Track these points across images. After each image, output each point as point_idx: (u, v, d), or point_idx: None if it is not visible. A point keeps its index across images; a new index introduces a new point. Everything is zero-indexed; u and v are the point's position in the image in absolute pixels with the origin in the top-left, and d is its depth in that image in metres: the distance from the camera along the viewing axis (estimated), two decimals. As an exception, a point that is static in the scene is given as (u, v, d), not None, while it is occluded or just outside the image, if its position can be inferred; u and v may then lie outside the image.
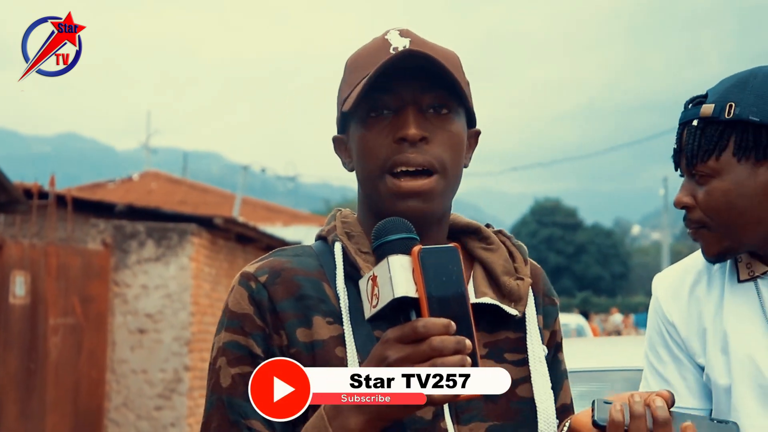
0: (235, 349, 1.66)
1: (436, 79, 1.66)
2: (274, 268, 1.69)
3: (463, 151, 1.73)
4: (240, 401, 1.63)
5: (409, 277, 1.47)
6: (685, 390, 2.11)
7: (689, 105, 2.07)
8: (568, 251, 63.10)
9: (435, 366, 1.42)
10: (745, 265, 2.09)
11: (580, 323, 17.48)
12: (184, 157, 51.93)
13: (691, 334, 2.11)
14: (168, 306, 10.36)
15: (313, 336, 1.65)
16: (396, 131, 1.66)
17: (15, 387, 8.68)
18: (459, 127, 1.71)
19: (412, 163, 1.64)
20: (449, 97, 1.69)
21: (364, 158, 1.70)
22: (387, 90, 1.66)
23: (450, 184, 1.70)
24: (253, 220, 19.27)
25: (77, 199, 10.44)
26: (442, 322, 1.43)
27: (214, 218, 11.28)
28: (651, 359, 2.18)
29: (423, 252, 1.47)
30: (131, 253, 10.43)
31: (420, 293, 1.46)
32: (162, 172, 28.45)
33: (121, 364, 10.37)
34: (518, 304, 1.73)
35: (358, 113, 1.70)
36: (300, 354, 1.63)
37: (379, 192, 1.68)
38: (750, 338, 2.04)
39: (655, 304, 2.18)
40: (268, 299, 1.66)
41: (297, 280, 1.68)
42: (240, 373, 1.64)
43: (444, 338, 1.42)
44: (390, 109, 1.67)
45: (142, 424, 10.30)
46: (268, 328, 1.65)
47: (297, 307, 1.66)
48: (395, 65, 1.64)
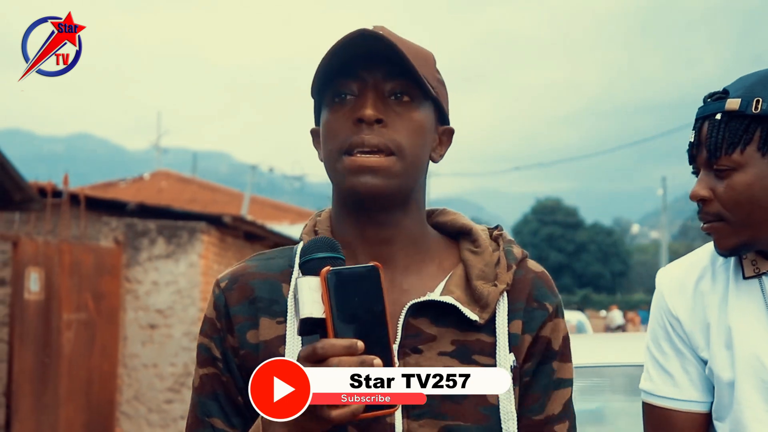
0: (203, 351, 1.71)
1: (401, 68, 1.64)
2: (235, 275, 1.73)
3: (425, 139, 1.69)
4: (205, 400, 1.68)
5: (317, 298, 1.47)
6: (687, 383, 2.12)
7: (708, 99, 2.05)
8: (569, 249, 63.14)
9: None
10: (750, 262, 2.08)
11: (580, 320, 17.38)
12: (194, 157, 51.98)
13: (695, 328, 2.11)
14: (178, 302, 10.38)
15: (259, 337, 1.66)
16: (355, 112, 1.64)
17: (30, 380, 8.72)
18: (421, 116, 1.68)
19: (366, 144, 1.62)
20: (412, 87, 1.66)
21: (326, 141, 1.69)
22: (350, 75, 1.66)
23: (408, 167, 1.66)
24: (260, 218, 19.24)
25: (90, 197, 10.48)
26: (342, 343, 1.42)
27: (222, 216, 11.28)
28: (654, 352, 2.18)
29: (330, 273, 1.46)
30: (142, 250, 10.44)
31: (326, 314, 1.45)
32: (172, 172, 28.31)
33: (133, 358, 10.40)
34: (484, 310, 1.68)
35: (325, 100, 1.70)
36: (249, 355, 1.66)
37: (337, 171, 1.66)
38: (754, 334, 2.04)
39: (659, 299, 2.18)
40: (224, 304, 1.69)
41: (252, 284, 1.70)
42: (207, 373, 1.69)
43: (342, 359, 1.41)
44: (353, 94, 1.66)
45: (153, 416, 10.33)
46: (223, 331, 1.68)
47: (248, 310, 1.68)
48: (358, 46, 1.63)
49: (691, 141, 2.04)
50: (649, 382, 2.17)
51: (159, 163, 38.88)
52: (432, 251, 1.75)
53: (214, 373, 1.68)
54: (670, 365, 2.14)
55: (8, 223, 9.57)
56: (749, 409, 2.02)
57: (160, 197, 20.22)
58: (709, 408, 2.12)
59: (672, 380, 2.13)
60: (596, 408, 4.26)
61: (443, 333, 1.66)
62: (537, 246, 62.25)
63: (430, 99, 1.70)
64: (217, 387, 1.68)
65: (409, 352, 1.64)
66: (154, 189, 23.24)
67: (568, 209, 67.81)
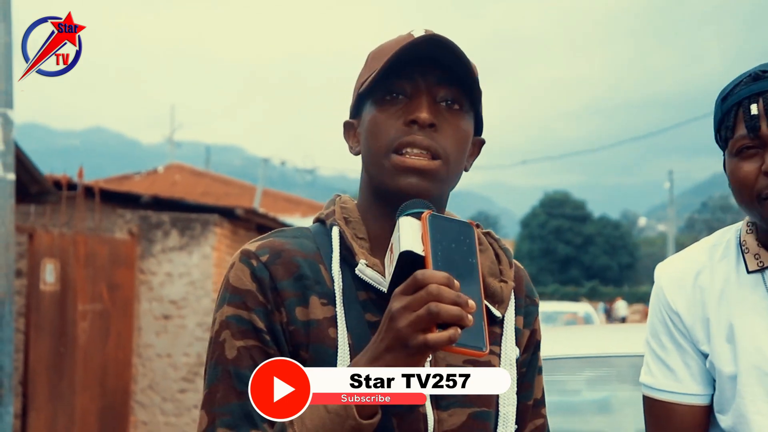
0: (238, 323, 1.65)
1: (453, 75, 1.67)
2: (275, 249, 1.69)
3: (467, 150, 1.73)
4: (245, 372, 1.61)
5: (417, 236, 1.48)
6: (688, 377, 2.12)
7: (767, 74, 2.02)
8: (577, 242, 63.00)
9: (430, 311, 1.39)
10: (753, 255, 2.09)
11: (588, 311, 17.45)
12: (207, 151, 51.94)
13: (695, 322, 2.11)
14: (191, 293, 10.37)
15: (309, 315, 1.65)
16: (408, 114, 1.66)
17: (46, 369, 8.73)
18: (467, 125, 1.71)
19: (418, 145, 1.65)
20: (462, 95, 1.69)
21: (372, 137, 1.70)
22: (405, 76, 1.67)
23: (451, 174, 1.69)
24: (273, 211, 19.21)
25: (104, 190, 10.45)
26: (442, 274, 1.42)
27: (235, 209, 11.25)
28: (653, 346, 2.18)
29: (432, 216, 1.48)
30: (156, 242, 10.43)
31: (426, 251, 1.46)
32: (186, 165, 28.20)
33: (147, 348, 10.39)
34: (500, 305, 1.74)
35: (374, 95, 1.70)
36: (298, 331, 1.65)
37: (384, 168, 1.67)
38: (757, 328, 2.04)
39: (659, 293, 2.18)
40: (269, 278, 1.66)
41: (296, 260, 1.68)
42: (245, 345, 1.64)
43: (441, 287, 1.40)
44: (405, 95, 1.68)
45: (167, 405, 10.34)
46: (269, 304, 1.65)
47: (296, 286, 1.66)
48: (416, 50, 1.65)
49: (753, 114, 1.99)
50: (649, 376, 2.18)
51: (173, 156, 38.92)
52: None
53: (257, 346, 1.64)
54: (670, 359, 2.14)
55: (24, 215, 9.56)
56: (752, 402, 2.03)
57: (174, 190, 20.17)
58: (710, 401, 2.13)
59: (672, 374, 2.13)
60: (604, 398, 4.32)
61: None
62: (545, 239, 62.14)
63: (473, 110, 1.74)
64: (260, 359, 1.60)
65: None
66: (167, 182, 23.19)
67: (576, 202, 67.61)
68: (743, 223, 2.18)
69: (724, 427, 2.10)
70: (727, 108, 2.05)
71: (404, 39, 1.70)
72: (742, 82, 2.05)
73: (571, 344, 3.98)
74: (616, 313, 29.92)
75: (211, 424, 1.63)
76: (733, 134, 2.03)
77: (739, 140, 2.01)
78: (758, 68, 2.05)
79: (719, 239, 2.21)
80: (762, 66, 2.04)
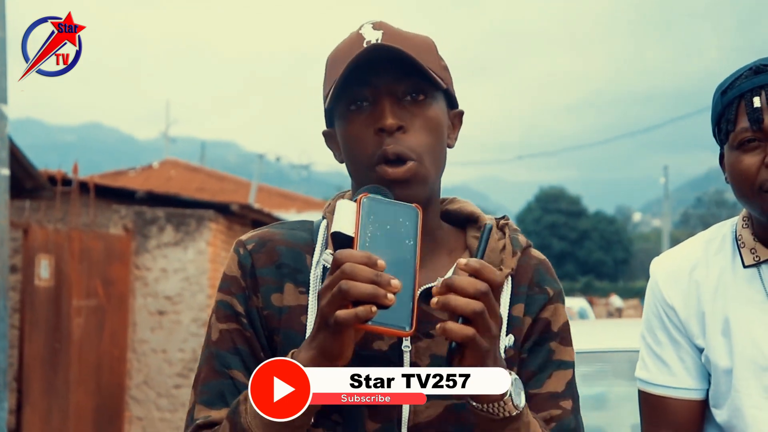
0: (223, 307, 1.73)
1: (410, 67, 1.66)
2: (262, 238, 1.76)
3: (443, 134, 1.73)
4: (225, 353, 1.69)
5: (351, 218, 1.51)
6: (683, 371, 2.13)
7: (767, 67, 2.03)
8: (572, 237, 63.10)
9: (341, 289, 1.41)
10: (749, 250, 2.09)
11: (583, 306, 17.50)
12: (202, 146, 52.05)
13: (690, 316, 2.11)
14: (186, 289, 10.38)
15: (283, 301, 1.70)
16: (374, 122, 1.67)
17: (40, 365, 8.73)
18: (437, 111, 1.72)
19: (391, 155, 1.66)
20: (424, 83, 1.69)
21: (350, 152, 1.72)
22: (363, 83, 1.67)
23: (430, 168, 1.70)
24: (268, 206, 19.22)
25: (99, 185, 10.48)
26: (361, 253, 1.44)
27: (230, 205, 11.28)
28: (649, 341, 2.18)
29: (366, 198, 1.51)
30: (151, 237, 10.42)
31: (355, 232, 1.49)
32: (181, 161, 28.16)
33: (142, 343, 10.39)
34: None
35: (340, 108, 1.71)
36: (272, 316, 1.70)
37: (370, 180, 1.68)
38: (752, 322, 2.05)
39: (654, 288, 2.18)
40: (251, 264, 1.73)
41: (278, 249, 1.74)
42: (227, 329, 1.71)
43: (356, 265, 1.42)
44: (368, 101, 1.68)
45: (162, 401, 10.33)
46: (248, 289, 1.72)
47: (274, 274, 1.72)
48: (367, 59, 1.65)
49: (756, 107, 1.99)
50: (644, 370, 2.18)
51: (168, 152, 38.90)
52: (443, 240, 1.79)
53: (236, 329, 1.71)
54: (665, 354, 2.15)
55: (19, 210, 9.54)
56: (747, 396, 2.03)
57: (169, 186, 20.18)
58: (705, 395, 2.14)
59: (668, 369, 2.14)
60: (599, 393, 4.33)
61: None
62: (540, 234, 62.21)
63: (442, 89, 1.73)
64: (238, 341, 1.70)
65: (421, 337, 1.67)
66: (162, 178, 23.17)
67: (571, 197, 67.71)
68: (739, 218, 2.17)
69: (720, 422, 2.11)
70: (728, 101, 2.05)
71: (354, 40, 1.71)
72: (742, 76, 2.05)
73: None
74: (611, 307, 30.19)
75: (193, 402, 1.71)
76: (735, 127, 2.03)
77: (741, 133, 2.01)
78: (759, 62, 2.05)
79: (715, 234, 2.21)
80: (762, 60, 2.05)
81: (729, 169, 2.06)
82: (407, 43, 1.69)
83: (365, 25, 1.73)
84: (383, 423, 1.66)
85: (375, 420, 1.65)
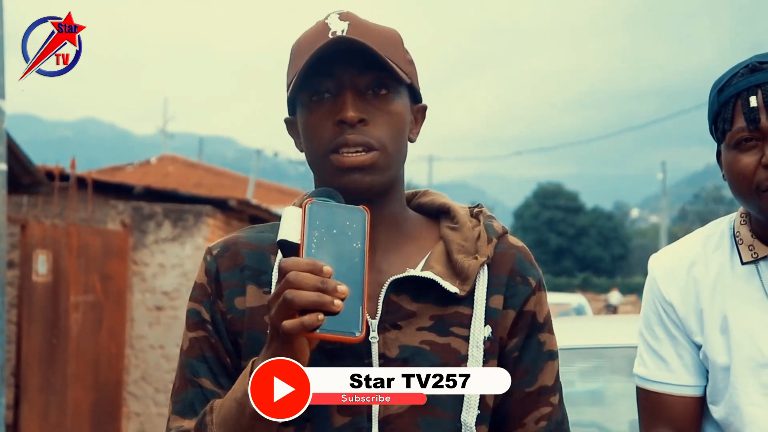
0: (192, 315, 1.74)
1: (374, 61, 1.66)
2: (228, 243, 1.77)
3: (405, 128, 1.73)
4: (194, 362, 1.70)
5: (297, 225, 1.51)
6: (681, 368, 2.13)
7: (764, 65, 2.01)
8: (570, 233, 63.07)
9: (285, 299, 1.41)
10: (747, 247, 2.09)
11: (581, 302, 17.45)
12: (200, 142, 52.07)
13: (688, 313, 2.11)
14: (184, 284, 10.32)
15: (246, 303, 1.70)
16: (335, 114, 1.67)
17: (38, 361, 8.73)
18: (399, 106, 1.71)
19: (351, 144, 1.66)
20: (387, 78, 1.68)
21: (309, 141, 1.72)
22: (326, 74, 1.67)
23: (391, 159, 1.69)
24: (266, 202, 19.20)
25: (97, 181, 10.45)
26: (306, 261, 1.44)
27: (228, 200, 11.28)
28: (647, 337, 2.18)
29: (311, 203, 1.50)
30: (149, 233, 10.41)
31: (300, 239, 1.48)
32: (178, 156, 28.16)
33: (140, 339, 10.38)
34: (464, 282, 1.70)
35: (302, 98, 1.71)
36: (236, 319, 1.70)
37: (325, 169, 1.69)
38: (751, 319, 2.05)
39: (652, 284, 2.18)
40: (215, 270, 1.73)
41: (242, 252, 1.74)
42: (195, 337, 1.72)
43: (300, 273, 1.42)
44: (330, 93, 1.68)
45: (160, 396, 10.32)
46: (213, 295, 1.72)
47: (238, 277, 1.72)
48: (330, 51, 1.65)
49: (753, 107, 1.98)
50: (642, 367, 2.18)
51: (165, 147, 39.00)
52: (412, 232, 1.79)
53: (203, 336, 1.72)
54: (663, 350, 2.15)
55: (16, 206, 9.54)
56: (745, 393, 2.04)
57: (167, 181, 20.18)
58: (703, 392, 2.14)
59: (665, 365, 2.14)
60: (597, 389, 4.33)
61: (423, 309, 1.69)
62: (538, 230, 62.23)
63: (405, 84, 1.73)
64: (205, 349, 1.71)
65: (389, 328, 1.67)
66: (160, 173, 23.19)
67: (569, 194, 67.68)
68: (737, 214, 2.17)
69: (717, 418, 2.11)
70: (724, 100, 2.03)
71: (320, 30, 1.70)
72: (738, 74, 2.03)
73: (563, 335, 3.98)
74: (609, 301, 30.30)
75: (170, 412, 1.73)
76: (732, 126, 2.01)
77: (738, 132, 2.00)
78: (755, 59, 2.03)
79: (713, 230, 2.20)
80: (758, 57, 2.03)
81: (726, 168, 2.05)
82: (373, 36, 1.68)
83: (332, 14, 1.72)
84: (353, 417, 1.64)
85: (343, 414, 1.64)
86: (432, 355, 1.67)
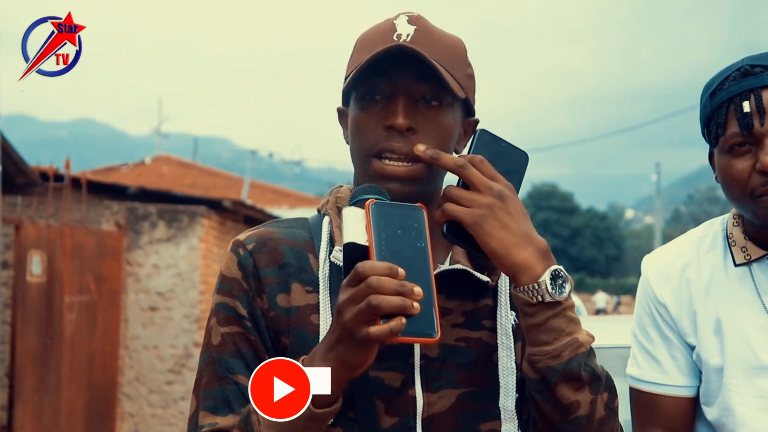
0: (224, 310, 1.70)
1: (431, 72, 1.65)
2: (262, 238, 1.74)
3: (452, 141, 1.72)
4: (228, 358, 1.67)
5: (361, 226, 1.48)
6: (674, 368, 2.13)
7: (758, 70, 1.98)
8: (564, 234, 63.18)
9: (370, 305, 1.40)
10: (740, 249, 2.08)
11: (576, 303, 17.45)
12: (195, 143, 52.02)
13: (682, 314, 2.11)
14: (178, 285, 10.36)
15: (291, 302, 1.68)
16: (386, 118, 1.66)
17: (32, 361, 8.71)
18: (449, 119, 1.71)
19: (396, 152, 1.66)
20: (442, 90, 1.68)
21: (355, 139, 1.72)
22: (383, 75, 1.67)
23: (434, 172, 1.69)
24: (260, 202, 19.20)
25: (92, 181, 10.42)
26: (383, 264, 1.43)
27: (223, 201, 11.27)
28: (640, 338, 2.18)
29: (374, 204, 1.49)
30: (143, 233, 10.41)
31: (369, 241, 1.46)
32: (173, 157, 28.19)
33: (134, 340, 10.38)
34: (492, 273, 1.73)
35: (356, 93, 1.72)
36: (279, 318, 1.68)
37: (366, 171, 1.69)
38: (744, 321, 2.04)
39: (646, 285, 2.18)
40: (253, 265, 1.70)
41: (281, 249, 1.72)
42: (228, 332, 1.68)
43: (381, 278, 1.41)
44: (384, 95, 1.68)
45: (154, 397, 10.33)
46: (251, 291, 1.69)
47: (278, 274, 1.70)
48: (395, 50, 1.65)
49: (746, 112, 1.96)
50: (636, 368, 2.19)
51: (160, 148, 39.00)
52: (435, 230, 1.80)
53: (239, 332, 1.68)
54: (657, 351, 2.15)
55: (11, 206, 9.51)
56: (738, 394, 2.03)
57: (161, 182, 20.20)
58: (696, 393, 2.14)
59: (659, 366, 2.14)
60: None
61: (456, 306, 1.71)
62: (532, 231, 62.26)
63: (459, 98, 1.72)
64: (242, 345, 1.68)
65: None
66: (155, 174, 23.20)
67: (564, 195, 67.80)
68: (729, 216, 2.17)
69: (710, 419, 2.11)
70: (717, 104, 2.01)
71: (387, 29, 1.71)
72: (730, 77, 2.01)
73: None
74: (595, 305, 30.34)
75: (196, 408, 1.69)
76: (725, 131, 1.99)
77: (731, 138, 1.98)
78: (746, 62, 2.01)
79: (705, 231, 2.20)
80: (749, 60, 2.02)
81: (720, 172, 2.04)
82: (436, 46, 1.69)
83: (401, 15, 1.73)
84: (400, 417, 1.65)
85: (391, 414, 1.65)
86: (468, 351, 1.70)
